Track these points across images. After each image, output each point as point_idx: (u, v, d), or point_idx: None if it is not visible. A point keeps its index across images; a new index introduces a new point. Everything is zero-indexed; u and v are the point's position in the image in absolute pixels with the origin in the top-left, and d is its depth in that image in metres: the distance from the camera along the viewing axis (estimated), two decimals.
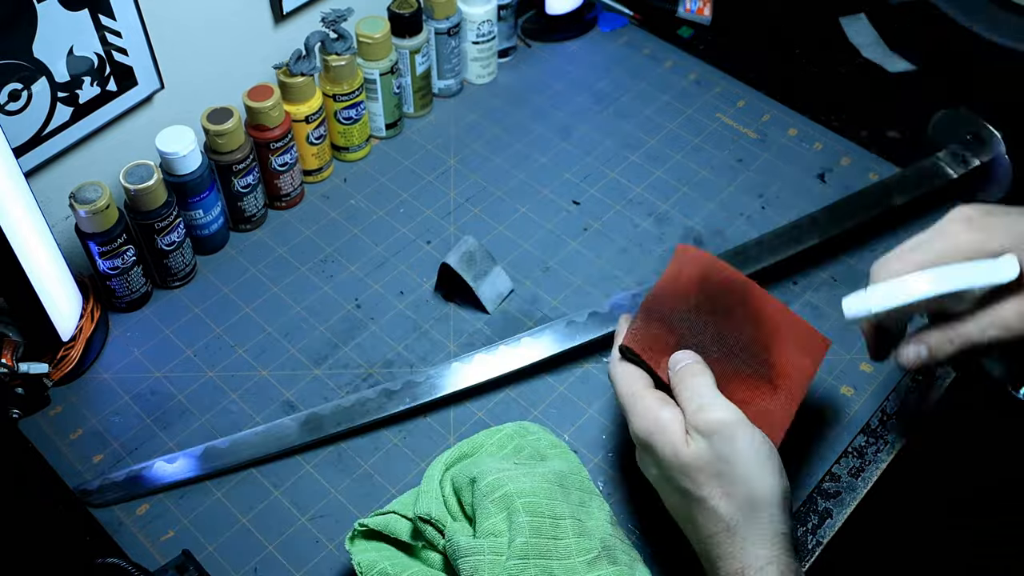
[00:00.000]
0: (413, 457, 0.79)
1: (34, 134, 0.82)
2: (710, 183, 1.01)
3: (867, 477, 0.79)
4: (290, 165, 0.95)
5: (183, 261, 0.90)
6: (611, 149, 1.04)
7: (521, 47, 1.16)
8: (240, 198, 0.93)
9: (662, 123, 1.07)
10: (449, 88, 1.09)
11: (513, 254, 0.94)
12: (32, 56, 0.78)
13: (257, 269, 0.93)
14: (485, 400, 0.83)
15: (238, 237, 0.96)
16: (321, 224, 0.97)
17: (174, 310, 0.90)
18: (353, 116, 0.99)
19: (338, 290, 0.91)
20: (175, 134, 0.85)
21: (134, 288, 0.88)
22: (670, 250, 0.94)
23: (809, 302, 0.90)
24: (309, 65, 0.92)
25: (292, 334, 0.88)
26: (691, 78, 1.12)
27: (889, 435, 0.81)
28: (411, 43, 1.01)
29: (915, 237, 0.62)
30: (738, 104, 1.09)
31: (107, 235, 0.82)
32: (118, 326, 0.88)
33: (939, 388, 0.85)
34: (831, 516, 0.76)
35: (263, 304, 0.90)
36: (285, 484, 0.78)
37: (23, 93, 0.79)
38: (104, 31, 0.82)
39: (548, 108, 1.09)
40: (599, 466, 0.79)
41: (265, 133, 0.91)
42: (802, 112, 1.08)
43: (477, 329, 0.88)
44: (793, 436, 0.80)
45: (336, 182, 1.01)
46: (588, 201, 0.99)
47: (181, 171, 0.86)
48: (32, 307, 0.78)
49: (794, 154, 1.03)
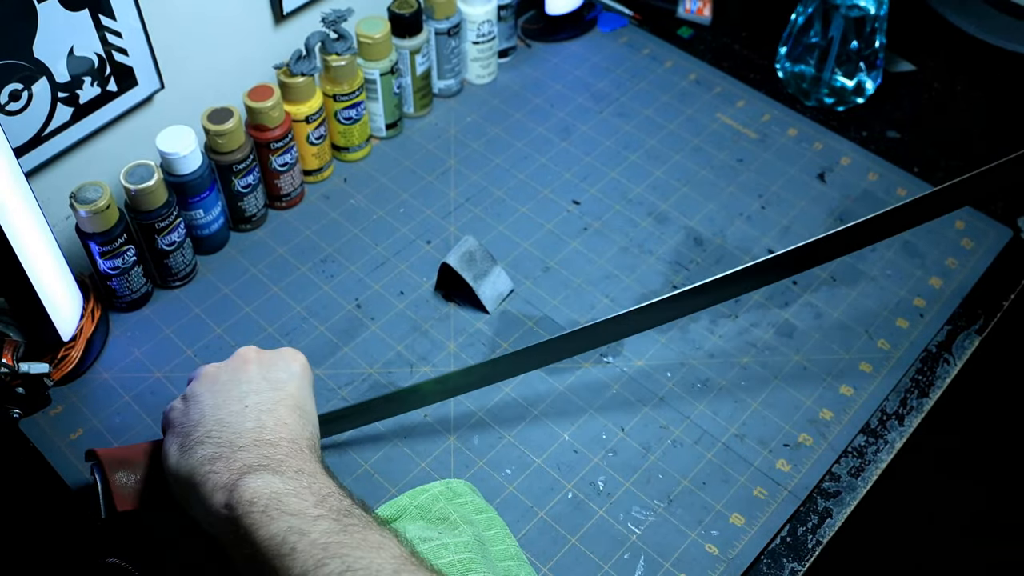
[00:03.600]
0: (413, 457, 0.79)
1: (35, 134, 0.82)
2: (710, 183, 1.01)
3: (867, 477, 0.79)
4: (290, 165, 0.95)
5: (183, 261, 0.90)
6: (611, 149, 1.04)
7: (521, 47, 1.16)
8: (240, 198, 0.93)
9: (662, 123, 1.07)
10: (449, 88, 1.09)
11: (513, 254, 0.94)
12: (32, 56, 0.78)
13: (257, 269, 0.93)
14: (485, 400, 0.83)
15: (238, 237, 0.96)
16: (321, 224, 0.97)
17: (174, 310, 0.90)
18: (353, 116, 0.99)
19: (338, 290, 0.91)
20: (175, 134, 0.85)
21: (134, 288, 0.88)
22: (670, 250, 0.94)
23: (809, 302, 0.90)
24: (309, 65, 0.93)
25: (292, 334, 0.88)
26: (691, 78, 1.12)
27: (889, 435, 0.81)
28: (411, 43, 1.01)
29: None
30: (738, 104, 1.09)
31: (107, 235, 0.82)
32: (118, 326, 0.88)
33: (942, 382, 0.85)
34: (831, 516, 0.77)
35: (263, 304, 0.90)
36: None
37: (23, 93, 0.79)
38: (104, 31, 0.82)
39: (548, 108, 1.09)
40: (599, 466, 0.79)
41: (265, 133, 0.91)
42: (802, 112, 1.08)
43: (477, 329, 0.88)
44: (792, 436, 0.81)
45: (336, 182, 1.01)
46: (588, 201, 0.99)
47: (181, 171, 0.86)
48: (33, 307, 0.78)
49: (794, 154, 1.03)
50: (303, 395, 0.64)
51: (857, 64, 1.04)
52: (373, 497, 0.77)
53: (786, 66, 1.09)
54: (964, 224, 0.97)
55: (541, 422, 0.82)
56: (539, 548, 0.74)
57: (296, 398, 0.63)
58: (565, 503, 0.77)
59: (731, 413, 0.82)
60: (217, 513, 0.55)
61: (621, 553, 0.74)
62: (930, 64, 1.13)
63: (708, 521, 0.75)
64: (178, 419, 0.62)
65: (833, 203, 0.98)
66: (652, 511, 0.76)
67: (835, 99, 1.07)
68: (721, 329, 0.88)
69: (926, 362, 0.86)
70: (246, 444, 0.58)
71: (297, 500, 0.53)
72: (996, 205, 0.99)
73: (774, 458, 0.79)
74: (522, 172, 1.02)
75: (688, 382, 0.84)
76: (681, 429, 0.81)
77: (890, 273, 0.92)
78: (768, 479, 0.78)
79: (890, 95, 1.10)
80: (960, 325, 0.89)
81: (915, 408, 0.83)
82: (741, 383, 0.84)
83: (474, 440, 0.80)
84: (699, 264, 0.93)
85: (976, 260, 0.94)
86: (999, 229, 0.96)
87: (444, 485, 0.74)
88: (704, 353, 0.86)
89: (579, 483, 0.78)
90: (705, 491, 0.77)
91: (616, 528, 0.75)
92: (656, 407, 0.83)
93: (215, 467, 0.57)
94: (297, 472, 0.56)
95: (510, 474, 0.78)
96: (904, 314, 0.89)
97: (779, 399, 0.83)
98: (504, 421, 0.82)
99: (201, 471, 0.57)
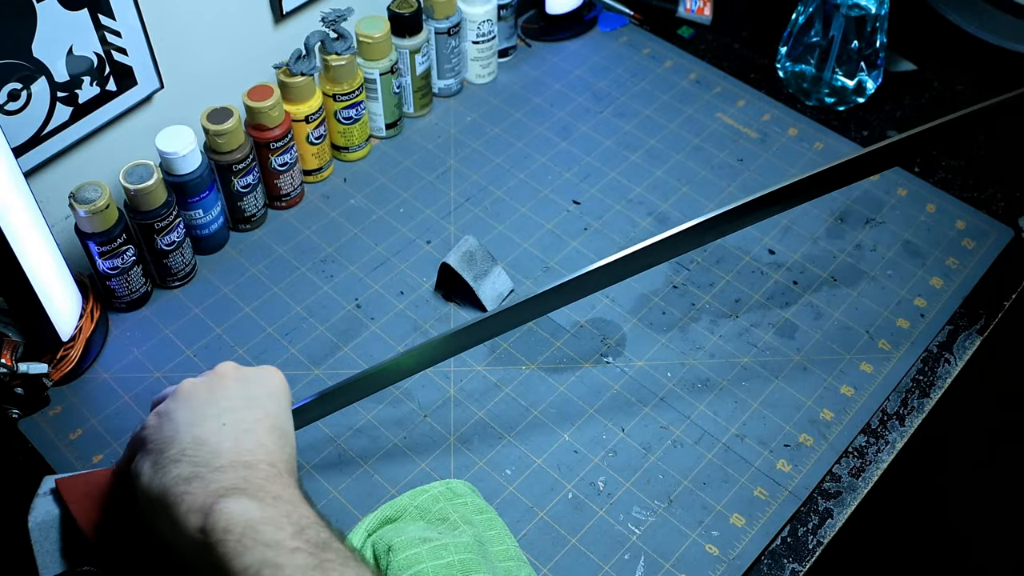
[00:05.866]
0: (413, 457, 0.79)
1: (34, 134, 0.82)
2: (710, 183, 1.01)
3: (868, 477, 0.79)
4: (290, 165, 0.95)
5: (183, 261, 0.90)
6: (611, 149, 1.04)
7: (521, 47, 1.16)
8: (240, 198, 0.93)
9: (662, 123, 1.07)
10: (449, 88, 1.09)
11: (513, 254, 0.94)
12: (31, 56, 0.78)
13: (257, 269, 0.93)
14: (485, 400, 0.83)
15: (238, 237, 0.96)
16: (321, 224, 0.97)
17: (174, 310, 0.90)
18: (353, 116, 0.99)
19: (338, 290, 0.91)
20: (175, 134, 0.85)
21: (134, 288, 0.88)
22: None
23: (810, 302, 0.90)
24: (309, 65, 0.92)
25: (292, 334, 0.88)
26: (691, 78, 1.12)
27: (890, 435, 0.81)
28: (411, 43, 1.01)
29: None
30: (738, 104, 1.09)
31: (107, 235, 0.82)
32: (118, 326, 0.88)
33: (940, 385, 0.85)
34: (832, 516, 0.76)
35: (263, 304, 0.90)
36: None
37: (22, 93, 0.79)
38: (104, 31, 0.82)
39: (548, 108, 1.09)
40: (599, 466, 0.79)
41: (265, 133, 0.91)
42: (802, 112, 1.08)
43: None
44: (793, 436, 0.80)
45: (336, 182, 1.01)
46: (588, 201, 0.99)
47: (181, 171, 0.86)
48: (32, 307, 0.78)
49: (794, 154, 1.03)
50: (282, 415, 0.62)
51: (858, 63, 1.04)
52: (373, 497, 0.77)
53: (787, 66, 1.09)
54: (965, 224, 0.97)
55: (541, 422, 0.81)
56: (539, 549, 0.74)
57: (275, 417, 0.60)
58: (565, 503, 0.76)
59: (731, 413, 0.82)
60: (190, 536, 0.53)
61: (621, 554, 0.74)
62: (931, 63, 1.13)
63: (708, 521, 0.75)
64: (151, 436, 0.59)
65: (834, 203, 0.98)
66: (652, 511, 0.76)
67: (836, 99, 1.07)
68: (721, 329, 0.88)
69: (927, 362, 0.86)
70: (223, 465, 0.55)
71: (274, 530, 0.51)
72: (997, 205, 0.98)
73: (775, 458, 0.79)
74: (522, 172, 1.02)
75: (688, 382, 0.84)
76: (681, 429, 0.81)
77: (891, 273, 0.92)
78: (769, 479, 0.78)
79: (891, 95, 1.10)
80: (961, 325, 0.89)
81: (916, 408, 0.83)
82: (742, 383, 0.84)
83: (474, 440, 0.80)
84: (699, 264, 0.93)
85: (977, 260, 0.94)
86: (1000, 229, 0.96)
87: (444, 485, 0.73)
88: (704, 353, 0.86)
89: (579, 483, 0.78)
90: (705, 491, 0.77)
91: (616, 528, 0.75)
92: (656, 407, 0.82)
93: (191, 487, 0.54)
94: (275, 499, 0.53)
95: (510, 474, 0.78)
96: (905, 314, 0.89)
97: (780, 399, 0.83)
98: (504, 421, 0.82)
99: (175, 491, 0.54)
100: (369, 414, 0.82)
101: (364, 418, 0.82)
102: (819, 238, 0.95)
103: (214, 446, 0.57)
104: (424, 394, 0.83)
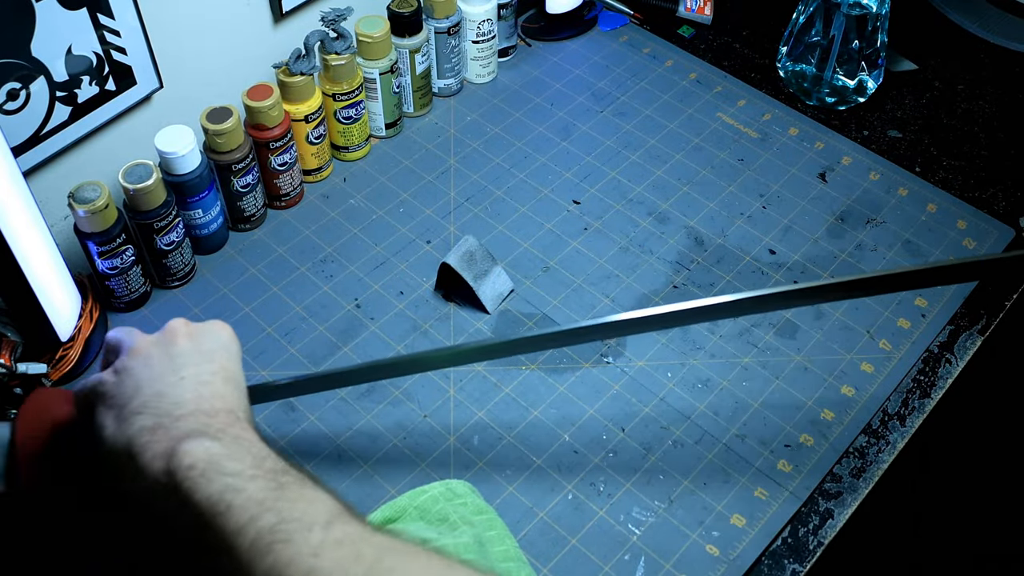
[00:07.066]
0: (413, 457, 0.79)
1: (32, 133, 0.81)
2: (710, 183, 1.00)
3: (868, 477, 0.79)
4: (289, 165, 0.95)
5: (182, 261, 0.90)
6: (611, 148, 1.04)
7: (521, 46, 1.16)
8: (239, 198, 0.92)
9: (662, 123, 1.07)
10: (449, 88, 1.09)
11: (513, 254, 0.94)
12: (30, 55, 0.77)
13: (256, 269, 0.93)
14: (485, 400, 0.83)
15: (237, 237, 0.96)
16: (321, 224, 0.97)
17: (173, 310, 0.89)
18: (353, 115, 0.99)
19: (338, 290, 0.91)
20: (174, 134, 0.85)
21: (133, 288, 0.87)
22: (671, 250, 0.94)
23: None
24: (309, 64, 0.92)
25: (292, 334, 0.88)
26: (692, 77, 1.12)
27: (891, 435, 0.81)
28: (411, 42, 1.01)
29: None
30: (738, 103, 1.09)
31: (106, 235, 0.82)
32: (117, 326, 0.88)
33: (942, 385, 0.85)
34: (832, 516, 0.76)
35: (263, 304, 0.90)
36: None
37: (21, 92, 0.79)
38: (103, 30, 0.81)
39: (548, 107, 1.09)
40: (599, 466, 0.78)
41: (265, 133, 0.91)
42: (803, 111, 1.08)
43: (477, 329, 0.88)
44: (793, 436, 0.80)
45: (336, 182, 1.01)
46: (588, 201, 0.99)
47: (180, 171, 0.86)
48: (30, 307, 0.78)
49: (795, 153, 1.03)
50: (234, 367, 0.65)
51: (858, 63, 1.04)
52: (373, 497, 0.76)
53: (787, 65, 1.09)
54: (966, 224, 0.96)
55: (541, 422, 0.81)
56: (539, 549, 0.74)
57: (228, 370, 0.64)
58: (565, 504, 0.76)
59: (732, 413, 0.82)
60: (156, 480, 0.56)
61: (621, 554, 0.73)
62: (932, 63, 1.13)
63: (709, 522, 0.75)
64: (112, 391, 0.62)
65: (834, 203, 0.98)
66: (653, 512, 0.76)
67: (836, 98, 1.07)
68: (722, 329, 0.88)
69: (928, 362, 0.86)
70: (184, 414, 0.58)
71: (235, 463, 0.54)
72: (998, 204, 0.98)
73: (775, 459, 0.79)
74: (522, 172, 1.02)
75: (689, 382, 0.84)
76: (682, 429, 0.81)
77: None
78: (769, 480, 0.78)
79: (891, 94, 1.10)
80: (962, 325, 0.89)
81: (917, 408, 0.83)
82: (742, 383, 0.84)
83: (474, 440, 0.80)
84: (700, 264, 0.93)
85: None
86: (1001, 229, 0.96)
87: (444, 486, 0.73)
88: (705, 353, 0.86)
89: (579, 484, 0.77)
90: (706, 492, 0.77)
91: (616, 529, 0.75)
92: (657, 407, 0.82)
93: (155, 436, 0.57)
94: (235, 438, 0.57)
95: (510, 475, 0.78)
96: (906, 314, 0.89)
97: (780, 399, 0.83)
98: (504, 421, 0.81)
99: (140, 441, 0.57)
100: (369, 414, 0.82)
101: (364, 418, 0.82)
102: (820, 238, 0.95)
103: (175, 398, 0.59)
104: (424, 394, 0.83)
